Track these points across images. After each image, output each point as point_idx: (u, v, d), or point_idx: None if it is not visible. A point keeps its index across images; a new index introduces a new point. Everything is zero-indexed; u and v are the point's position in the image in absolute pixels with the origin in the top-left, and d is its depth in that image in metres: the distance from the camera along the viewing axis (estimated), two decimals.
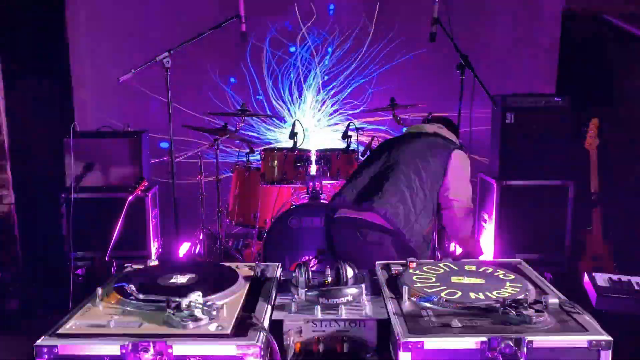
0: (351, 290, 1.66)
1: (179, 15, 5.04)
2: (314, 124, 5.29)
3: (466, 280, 1.76)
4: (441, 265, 1.91)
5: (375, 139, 4.30)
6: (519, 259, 2.08)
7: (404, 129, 3.16)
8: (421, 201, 2.66)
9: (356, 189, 2.73)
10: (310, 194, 3.92)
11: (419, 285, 1.71)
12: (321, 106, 5.30)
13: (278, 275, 1.94)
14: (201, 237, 4.39)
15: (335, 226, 2.80)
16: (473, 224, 2.90)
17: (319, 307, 1.60)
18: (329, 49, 5.21)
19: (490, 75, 4.59)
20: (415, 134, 2.97)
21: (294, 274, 1.73)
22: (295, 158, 4.02)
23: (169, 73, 3.54)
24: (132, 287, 1.61)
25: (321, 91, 5.29)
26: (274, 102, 5.27)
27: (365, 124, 5.24)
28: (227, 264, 2.01)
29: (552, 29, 5.13)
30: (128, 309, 1.58)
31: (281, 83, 5.27)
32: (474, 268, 1.88)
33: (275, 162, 4.04)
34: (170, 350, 1.39)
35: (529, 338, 1.39)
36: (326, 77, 5.27)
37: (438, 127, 2.98)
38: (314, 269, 1.87)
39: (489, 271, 1.84)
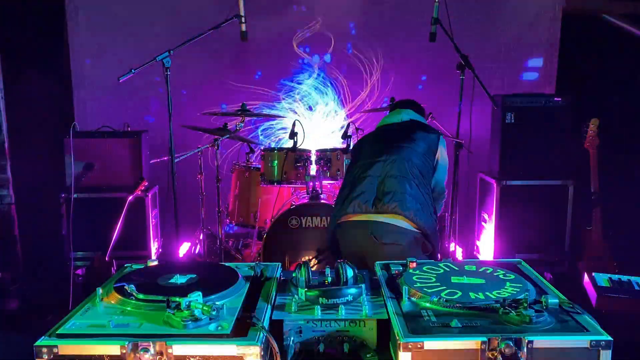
0: (351, 290, 1.66)
1: (179, 15, 5.04)
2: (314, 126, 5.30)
3: (466, 280, 1.76)
4: (441, 265, 1.91)
5: None
6: (519, 259, 2.08)
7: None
8: (427, 193, 2.70)
9: (368, 193, 2.67)
10: (310, 194, 3.92)
11: (419, 285, 1.71)
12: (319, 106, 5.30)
13: (278, 275, 1.94)
14: (201, 237, 4.39)
15: (343, 230, 2.73)
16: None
17: (319, 307, 1.60)
18: (328, 49, 5.22)
19: (490, 75, 4.60)
20: (396, 124, 2.96)
21: (294, 274, 1.73)
22: (295, 158, 4.02)
23: (168, 73, 3.54)
24: (132, 287, 1.61)
25: (321, 92, 5.29)
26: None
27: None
28: (227, 264, 2.01)
29: (552, 29, 5.13)
30: (128, 309, 1.57)
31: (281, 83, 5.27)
32: (474, 268, 1.88)
33: (275, 162, 4.04)
34: (170, 350, 1.39)
35: (529, 338, 1.39)
36: (326, 78, 5.27)
37: (412, 114, 3.01)
38: (314, 269, 1.87)
39: (489, 271, 1.84)
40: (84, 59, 5.10)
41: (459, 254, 4.47)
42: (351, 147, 3.64)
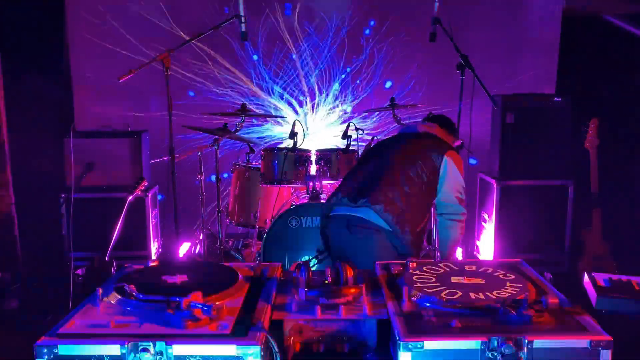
0: (351, 290, 1.66)
1: (179, 15, 5.05)
2: (314, 123, 5.30)
3: (466, 280, 1.76)
4: (441, 265, 1.91)
5: (376, 139, 4.30)
6: (519, 259, 2.08)
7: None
8: (415, 200, 2.68)
9: (352, 186, 2.76)
10: (310, 194, 3.92)
11: (419, 285, 1.71)
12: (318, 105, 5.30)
13: (278, 275, 1.94)
14: (201, 237, 4.39)
15: (330, 224, 2.83)
16: (463, 232, 2.91)
17: (319, 307, 1.60)
18: (328, 49, 5.22)
19: (490, 75, 4.60)
20: (407, 134, 3.00)
21: (294, 274, 1.73)
22: (295, 158, 4.02)
23: (168, 73, 3.54)
24: (132, 287, 1.61)
25: (320, 92, 5.29)
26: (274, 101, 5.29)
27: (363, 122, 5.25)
28: (227, 264, 2.01)
29: (552, 29, 5.13)
30: (128, 309, 1.58)
31: (281, 82, 5.27)
32: (474, 268, 1.88)
33: (275, 162, 4.04)
34: (170, 350, 1.39)
35: (529, 338, 1.39)
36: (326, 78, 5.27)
37: (430, 127, 2.97)
38: (314, 269, 1.87)
39: (489, 271, 1.84)
40: (84, 59, 5.09)
41: (459, 254, 4.47)
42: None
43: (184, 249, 4.72)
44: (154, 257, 4.41)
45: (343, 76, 5.26)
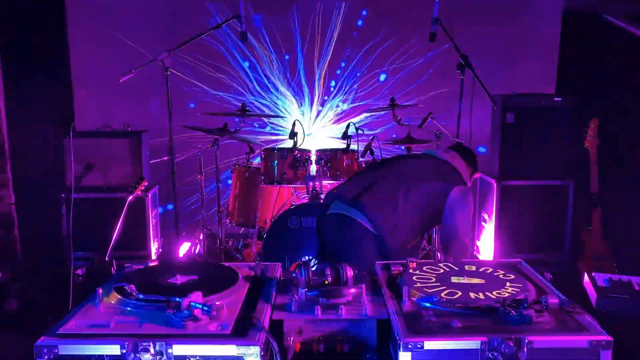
0: (351, 290, 1.66)
1: (179, 15, 5.05)
2: (314, 123, 5.30)
3: (466, 280, 1.76)
4: (441, 265, 1.91)
5: (375, 139, 4.30)
6: (519, 259, 2.08)
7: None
8: (410, 219, 2.68)
9: (356, 186, 2.80)
10: (310, 194, 3.92)
11: (419, 285, 1.71)
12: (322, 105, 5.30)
13: (278, 275, 1.94)
14: (201, 237, 4.39)
15: (326, 222, 2.86)
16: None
17: (319, 307, 1.60)
18: (329, 48, 5.22)
19: (490, 75, 4.61)
20: (426, 156, 3.02)
21: (294, 274, 1.73)
22: (295, 158, 4.02)
23: (168, 73, 3.54)
24: (132, 287, 1.61)
25: (317, 90, 5.29)
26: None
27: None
28: (227, 264, 2.01)
29: (552, 29, 5.13)
30: (128, 309, 1.58)
31: (278, 81, 5.28)
32: (474, 268, 1.88)
33: (275, 162, 4.04)
34: (170, 350, 1.39)
35: (529, 338, 1.39)
36: (328, 79, 5.27)
37: (451, 157, 2.95)
38: (314, 269, 1.87)
39: (489, 271, 1.84)
40: (85, 58, 5.10)
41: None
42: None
43: (184, 249, 4.72)
44: (154, 257, 4.41)
45: (338, 72, 5.26)
